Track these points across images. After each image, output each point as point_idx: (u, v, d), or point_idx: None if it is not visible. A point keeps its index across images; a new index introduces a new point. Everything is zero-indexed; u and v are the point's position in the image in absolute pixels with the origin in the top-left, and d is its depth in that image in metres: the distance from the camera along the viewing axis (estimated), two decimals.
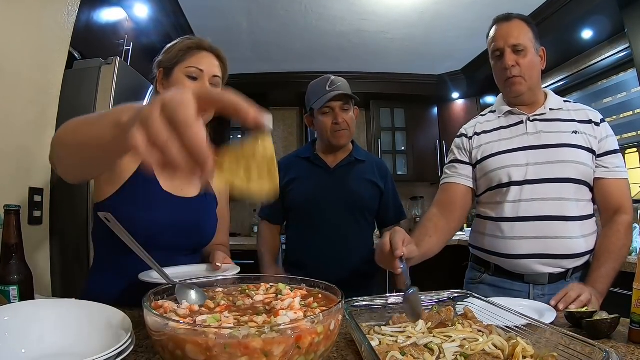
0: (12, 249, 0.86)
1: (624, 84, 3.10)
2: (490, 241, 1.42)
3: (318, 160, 1.77)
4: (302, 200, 1.73)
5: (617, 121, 3.19)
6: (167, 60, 1.21)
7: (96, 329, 0.66)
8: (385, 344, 0.77)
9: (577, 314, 0.93)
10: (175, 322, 0.52)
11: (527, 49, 1.35)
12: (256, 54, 3.96)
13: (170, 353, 0.53)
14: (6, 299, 0.84)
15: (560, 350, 0.66)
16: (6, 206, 0.87)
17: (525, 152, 1.38)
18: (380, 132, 4.64)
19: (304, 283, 0.83)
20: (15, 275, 0.86)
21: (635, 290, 0.83)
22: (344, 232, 1.70)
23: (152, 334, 0.57)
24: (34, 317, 0.67)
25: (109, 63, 1.89)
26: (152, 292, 0.68)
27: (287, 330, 0.53)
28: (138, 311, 0.95)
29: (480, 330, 0.81)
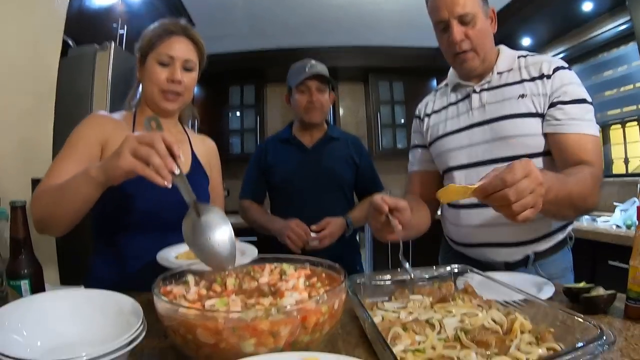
0: (21, 243, 0.87)
1: (624, 57, 3.06)
2: (449, 226, 1.36)
3: (295, 141, 1.86)
4: (283, 180, 1.83)
5: (618, 94, 3.18)
6: (142, 47, 1.22)
7: (108, 316, 0.69)
8: (387, 319, 0.79)
9: (574, 289, 0.93)
10: (186, 308, 0.55)
11: (475, 16, 1.16)
12: (252, 31, 3.91)
13: (181, 337, 0.56)
14: (18, 293, 0.86)
15: (557, 326, 0.68)
16: (12, 202, 0.88)
17: (468, 131, 1.26)
18: (379, 106, 4.62)
19: (308, 262, 0.85)
20: (26, 269, 0.87)
21: (631, 267, 0.84)
22: (325, 207, 1.78)
23: (163, 319, 0.60)
24: (46, 309, 0.70)
25: (104, 49, 1.89)
26: (161, 277, 0.71)
27: (293, 311, 0.56)
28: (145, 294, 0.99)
29: (480, 305, 0.83)
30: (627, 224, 2.39)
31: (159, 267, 1.08)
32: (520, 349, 0.63)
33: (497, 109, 1.21)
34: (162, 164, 0.75)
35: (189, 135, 1.37)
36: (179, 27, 1.23)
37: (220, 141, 4.60)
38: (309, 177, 1.79)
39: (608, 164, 3.40)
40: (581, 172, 1.03)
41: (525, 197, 0.77)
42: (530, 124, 1.16)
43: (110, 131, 1.16)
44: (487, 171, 0.98)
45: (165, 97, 1.20)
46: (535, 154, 1.17)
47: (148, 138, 0.76)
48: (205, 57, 1.29)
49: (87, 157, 1.10)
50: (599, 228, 2.48)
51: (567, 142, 1.11)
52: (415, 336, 0.70)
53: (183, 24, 1.24)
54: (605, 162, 3.41)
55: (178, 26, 1.22)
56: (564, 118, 1.12)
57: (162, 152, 0.76)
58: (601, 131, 3.42)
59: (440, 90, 1.42)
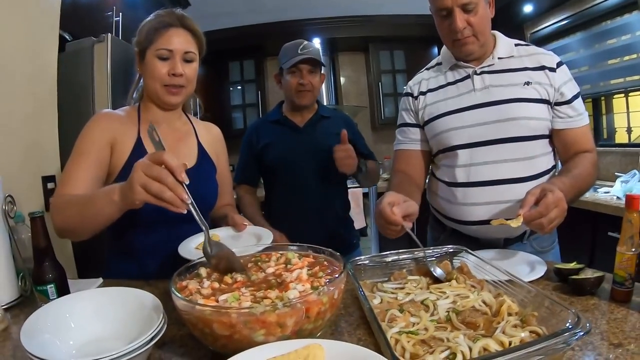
0: (43, 251, 0.95)
1: (628, 25, 3.01)
2: (444, 205, 1.39)
3: (287, 121, 1.89)
4: (277, 161, 1.86)
5: (621, 64, 3.13)
6: (140, 42, 1.23)
7: (131, 312, 0.77)
8: (386, 301, 0.88)
9: (564, 270, 0.99)
10: (202, 305, 0.63)
11: (478, 4, 1.21)
12: (249, 6, 3.91)
13: (200, 330, 0.65)
14: (46, 297, 0.94)
15: (544, 307, 0.74)
16: (30, 213, 0.95)
17: (472, 111, 1.30)
18: (380, 75, 4.63)
19: (311, 250, 0.94)
20: (50, 274, 0.95)
21: (618, 253, 0.89)
22: (319, 184, 1.84)
23: (182, 314, 0.68)
24: (74, 310, 0.78)
25: (100, 40, 1.92)
26: (176, 274, 0.79)
27: (297, 303, 0.64)
28: (161, 282, 1.08)
29: (473, 286, 0.91)
30: None
31: (169, 257, 1.18)
32: (506, 332, 0.70)
33: (503, 92, 1.27)
34: (174, 197, 0.80)
35: (193, 124, 1.40)
36: (175, 18, 1.23)
37: (222, 117, 4.71)
38: (302, 156, 1.83)
39: (611, 133, 3.41)
40: (586, 164, 1.22)
41: (554, 220, 1.00)
42: (537, 108, 1.25)
43: (117, 129, 1.20)
44: (492, 151, 1.27)
45: (168, 91, 1.22)
46: (539, 136, 1.27)
47: (156, 173, 0.81)
48: (204, 46, 1.30)
49: (98, 160, 1.16)
50: (599, 199, 2.51)
51: (576, 135, 1.28)
52: (410, 317, 0.78)
53: (179, 14, 1.25)
54: (608, 131, 3.43)
55: (174, 17, 1.23)
56: (575, 114, 1.27)
57: (171, 184, 0.80)
58: (604, 99, 3.43)
59: (433, 69, 1.44)
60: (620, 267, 0.89)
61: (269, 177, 1.96)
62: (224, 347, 0.65)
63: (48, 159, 1.71)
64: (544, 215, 0.98)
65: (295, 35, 4.42)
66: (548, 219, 0.98)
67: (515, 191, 1.22)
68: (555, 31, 3.71)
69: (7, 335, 0.90)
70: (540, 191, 1.02)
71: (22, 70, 1.59)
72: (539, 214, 0.98)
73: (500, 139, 1.26)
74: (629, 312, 0.84)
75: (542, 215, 0.98)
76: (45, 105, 1.72)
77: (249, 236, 1.26)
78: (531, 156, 1.26)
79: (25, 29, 1.62)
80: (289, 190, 1.86)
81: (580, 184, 1.18)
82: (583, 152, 1.27)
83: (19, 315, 1.01)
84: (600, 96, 3.43)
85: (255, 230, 1.29)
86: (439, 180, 1.40)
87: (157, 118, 1.29)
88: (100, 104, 1.90)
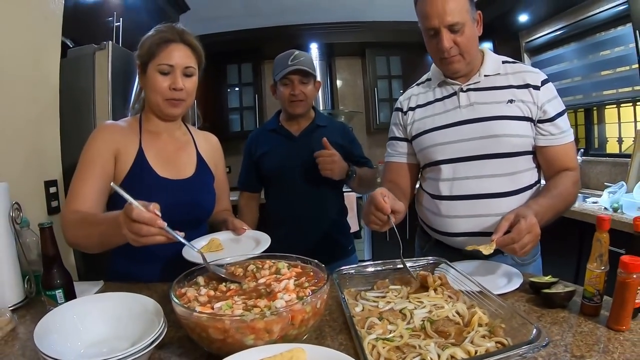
0: (51, 259, 1.03)
1: (621, 37, 3.09)
2: (429, 216, 1.46)
3: (283, 131, 1.96)
4: (274, 169, 1.94)
5: (614, 75, 3.20)
6: (142, 56, 1.30)
7: (134, 316, 0.86)
8: (367, 309, 0.97)
9: (537, 283, 1.06)
10: (199, 313, 0.73)
11: (464, 24, 1.26)
12: (247, 10, 4.01)
13: (197, 334, 0.75)
14: (54, 301, 1.02)
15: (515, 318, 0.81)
16: (40, 224, 1.04)
17: (457, 127, 1.36)
18: (376, 81, 4.74)
19: (299, 260, 1.04)
20: (58, 280, 1.03)
21: (588, 270, 0.95)
22: (315, 192, 1.92)
23: (181, 319, 0.77)
24: (81, 313, 0.87)
25: (102, 48, 2.00)
26: (176, 282, 0.88)
27: (283, 312, 0.73)
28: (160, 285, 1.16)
29: (450, 296, 1.00)
30: (613, 207, 2.48)
31: (170, 261, 1.27)
32: (474, 342, 0.78)
33: (487, 110, 1.33)
34: (162, 239, 0.92)
35: (193, 134, 1.49)
36: (176, 33, 1.30)
37: (220, 119, 4.78)
38: (297, 165, 1.90)
39: (602, 143, 3.50)
40: (566, 183, 1.28)
41: (526, 245, 1.06)
42: (519, 126, 1.31)
43: (119, 141, 1.28)
44: (475, 166, 1.33)
45: (169, 104, 1.31)
46: (522, 153, 1.33)
47: (136, 229, 0.90)
48: (203, 59, 1.38)
49: (104, 172, 1.24)
50: (586, 209, 2.59)
51: (558, 153, 1.33)
52: (388, 325, 0.86)
53: (179, 29, 1.32)
54: (599, 140, 3.52)
55: (175, 33, 1.30)
56: (557, 132, 1.31)
57: (154, 231, 0.90)
58: (596, 110, 3.51)
59: (423, 85, 1.51)
60: (589, 283, 0.94)
61: (267, 184, 2.04)
62: (219, 349, 0.74)
63: (50, 164, 1.78)
64: (516, 241, 1.04)
65: (293, 39, 4.57)
66: (520, 245, 1.05)
67: (497, 205, 1.30)
68: (550, 41, 3.80)
69: (15, 335, 0.98)
70: (514, 217, 1.08)
71: (25, 76, 1.65)
72: (512, 240, 1.05)
73: (483, 155, 1.32)
74: (595, 326, 0.90)
75: (515, 241, 1.04)
76: (47, 110, 1.79)
77: (247, 240, 1.34)
78: (513, 172, 1.32)
79: (29, 35, 1.67)
80: (286, 197, 1.94)
81: (558, 205, 1.24)
82: (565, 169, 1.32)
83: (25, 315, 1.10)
84: (593, 106, 3.51)
85: (254, 234, 1.37)
86: (425, 192, 1.47)
87: (158, 128, 1.38)
88: (101, 109, 1.98)
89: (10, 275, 1.16)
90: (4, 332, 0.96)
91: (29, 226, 1.27)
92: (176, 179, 1.35)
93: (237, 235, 1.36)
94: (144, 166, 1.28)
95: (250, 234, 1.38)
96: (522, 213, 1.09)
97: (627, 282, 0.86)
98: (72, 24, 2.00)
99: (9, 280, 1.15)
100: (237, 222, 1.39)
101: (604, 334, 0.87)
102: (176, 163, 1.38)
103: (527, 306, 1.02)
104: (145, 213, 0.89)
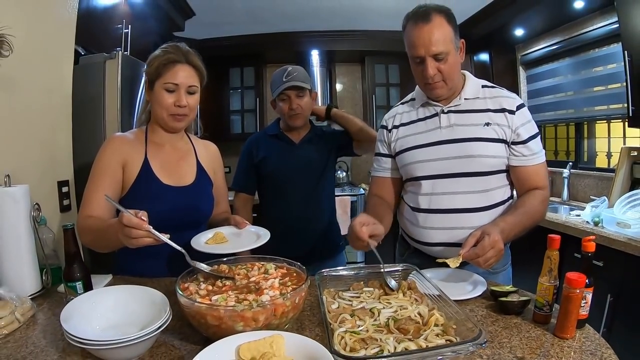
0: (73, 255, 1.21)
1: (614, 55, 3.21)
2: (408, 226, 1.60)
3: (284, 137, 2.14)
4: (273, 173, 2.11)
5: (606, 91, 3.32)
6: (150, 74, 1.46)
7: (143, 306, 1.04)
8: (342, 307, 1.13)
9: (496, 292, 1.19)
10: (199, 303, 0.91)
11: (448, 54, 1.38)
12: (251, 18, 4.16)
13: (196, 321, 0.93)
14: (74, 291, 1.20)
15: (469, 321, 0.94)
16: (64, 226, 1.22)
17: (437, 147, 1.48)
18: (374, 88, 4.90)
19: (285, 262, 1.22)
20: (78, 274, 1.21)
21: (539, 283, 1.07)
22: (310, 195, 2.11)
23: (183, 308, 0.96)
24: (98, 302, 1.05)
25: (112, 57, 2.17)
26: (180, 277, 1.07)
27: (267, 305, 0.92)
28: (163, 280, 1.36)
29: (416, 299, 1.15)
30: (594, 221, 2.60)
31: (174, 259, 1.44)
32: (427, 338, 0.93)
33: (465, 131, 1.45)
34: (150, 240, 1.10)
35: (193, 144, 1.65)
36: (182, 55, 1.45)
37: (221, 121, 4.95)
38: (296, 170, 2.08)
39: (592, 157, 3.65)
40: (534, 202, 1.40)
41: (490, 260, 1.20)
42: (493, 148, 1.43)
43: (127, 152, 1.45)
44: (452, 183, 1.46)
45: (173, 119, 1.47)
46: (495, 172, 1.46)
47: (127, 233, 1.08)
48: (205, 78, 1.54)
49: (114, 181, 1.41)
50: (569, 221, 2.73)
51: (529, 173, 1.46)
52: (357, 321, 1.03)
53: (184, 49, 1.48)
54: (589, 154, 3.67)
55: (180, 54, 1.45)
56: (529, 154, 1.44)
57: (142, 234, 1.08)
58: (587, 125, 3.65)
59: (408, 104, 1.64)
60: (540, 294, 1.07)
61: (264, 186, 2.19)
62: (214, 334, 0.92)
63: (63, 166, 1.95)
64: (480, 256, 1.19)
65: (294, 45, 4.75)
66: (484, 259, 1.19)
67: (470, 219, 1.44)
68: (545, 55, 3.95)
69: (34, 320, 1.15)
70: (480, 234, 1.22)
71: (41, 84, 1.79)
72: (476, 255, 1.19)
73: (459, 173, 1.45)
74: (543, 333, 1.02)
75: (479, 256, 1.19)
76: (60, 116, 1.95)
77: (248, 234, 1.49)
78: (486, 189, 1.46)
79: (44, 45, 1.81)
80: (282, 199, 2.11)
81: (525, 221, 1.36)
82: (535, 187, 1.44)
83: (42, 304, 1.27)
84: (584, 121, 3.66)
85: (254, 229, 1.52)
86: (406, 204, 1.61)
87: (162, 139, 1.55)
88: (110, 116, 2.15)
89: (30, 268, 1.34)
90: (25, 318, 1.13)
91: (46, 224, 1.44)
92: (178, 185, 1.52)
93: (239, 229, 1.51)
94: (149, 175, 1.46)
95: (251, 228, 1.52)
96: (487, 230, 1.22)
97: (570, 296, 0.99)
98: (83, 31, 2.13)
99: (29, 272, 1.33)
100: (239, 218, 1.54)
101: (549, 340, 0.99)
102: (178, 171, 1.55)
103: (485, 311, 1.16)
104: (134, 219, 1.06)
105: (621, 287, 2.23)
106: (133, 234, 1.07)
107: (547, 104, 4.03)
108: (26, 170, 1.63)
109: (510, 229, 1.31)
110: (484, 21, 3.96)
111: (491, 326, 1.07)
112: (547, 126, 4.15)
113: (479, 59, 4.59)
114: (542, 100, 4.10)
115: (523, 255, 1.80)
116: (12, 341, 1.02)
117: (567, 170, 3.55)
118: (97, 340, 0.87)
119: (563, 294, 1.01)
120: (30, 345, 1.00)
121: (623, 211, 2.49)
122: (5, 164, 1.47)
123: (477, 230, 1.25)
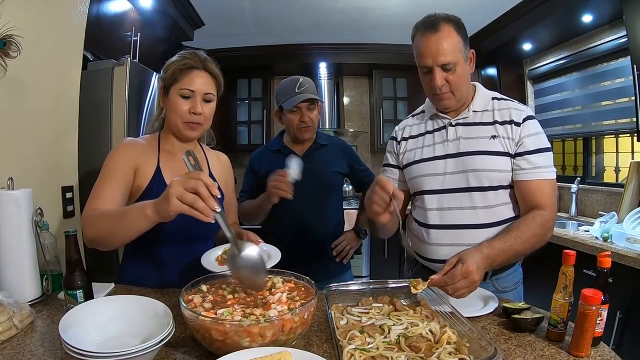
0: (74, 263, 1.17)
1: (622, 69, 3.17)
2: (415, 242, 1.54)
3: (288, 151, 2.08)
4: None
5: (614, 106, 3.29)
6: (165, 79, 1.40)
7: (146, 317, 0.99)
8: (351, 322, 1.09)
9: (509, 309, 1.15)
10: (204, 316, 0.87)
11: (457, 64, 1.35)
12: (259, 29, 4.16)
13: (201, 334, 0.88)
14: (75, 300, 1.14)
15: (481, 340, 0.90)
16: (66, 232, 1.17)
17: (443, 160, 1.45)
18: (382, 101, 4.88)
19: (293, 276, 1.17)
20: (79, 282, 1.16)
21: (553, 300, 1.03)
22: (316, 209, 2.06)
23: (187, 321, 0.91)
24: (98, 311, 1.00)
25: (120, 64, 2.16)
26: (184, 289, 1.02)
27: (275, 320, 0.87)
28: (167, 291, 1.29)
29: (427, 315, 1.11)
30: (603, 236, 2.56)
31: (181, 270, 1.41)
32: (440, 357, 0.89)
33: (471, 145, 1.41)
34: (205, 207, 0.94)
35: (206, 154, 1.60)
36: (199, 61, 1.39)
37: (228, 131, 4.94)
38: (302, 183, 1.98)
39: (600, 172, 3.61)
40: (531, 225, 1.31)
41: (459, 290, 1.13)
42: (499, 161, 1.38)
43: (139, 157, 1.39)
44: (457, 198, 1.41)
45: (187, 127, 1.40)
46: (499, 187, 1.40)
47: (192, 184, 0.94)
48: (222, 86, 1.47)
49: (124, 182, 1.34)
50: (578, 237, 2.68)
51: (529, 188, 1.37)
52: (367, 338, 0.99)
53: (202, 56, 1.42)
54: (597, 169, 3.64)
55: (197, 60, 1.39)
56: (529, 167, 1.36)
57: (204, 195, 0.94)
58: (594, 139, 3.62)
59: (418, 116, 1.61)
60: (554, 311, 1.03)
61: None
62: (218, 349, 0.87)
63: (68, 171, 1.93)
64: (448, 284, 1.13)
65: (302, 57, 4.74)
66: (453, 288, 1.13)
67: (477, 236, 1.38)
68: (553, 69, 3.93)
69: (33, 327, 1.11)
70: (457, 261, 1.17)
71: (48, 89, 1.78)
72: (445, 283, 1.14)
73: (464, 188, 1.41)
74: (557, 351, 0.98)
75: (447, 284, 1.13)
76: (67, 122, 1.93)
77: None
78: (490, 205, 1.40)
79: (53, 51, 1.80)
80: (289, 214, 2.05)
81: (517, 247, 1.28)
82: (537, 206, 1.35)
83: (41, 311, 1.23)
84: (592, 136, 3.62)
85: (266, 247, 1.47)
86: (414, 219, 1.57)
87: (175, 148, 1.48)
88: (117, 122, 2.13)
89: (31, 274, 1.30)
90: (24, 325, 1.09)
91: (48, 230, 1.40)
92: None
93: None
94: (160, 183, 1.39)
95: (264, 247, 1.47)
96: (464, 258, 1.16)
97: (586, 313, 0.95)
98: (92, 38, 2.13)
99: (30, 278, 1.30)
100: (252, 235, 1.46)
101: (564, 358, 0.95)
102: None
103: (497, 329, 1.12)
104: (210, 179, 0.96)
105: (630, 304, 2.18)
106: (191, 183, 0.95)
107: (555, 118, 4.00)
108: (30, 174, 1.61)
109: (497, 255, 1.24)
110: (491, 35, 3.94)
111: (504, 344, 1.03)
112: (554, 141, 4.10)
113: (487, 73, 4.57)
114: (550, 115, 4.06)
115: (533, 271, 1.75)
116: (9, 348, 0.99)
117: (575, 185, 3.52)
118: (96, 352, 0.82)
119: (579, 311, 0.97)
120: (27, 353, 0.96)
121: (633, 226, 2.46)
122: (9, 167, 1.45)
123: (453, 257, 1.19)
